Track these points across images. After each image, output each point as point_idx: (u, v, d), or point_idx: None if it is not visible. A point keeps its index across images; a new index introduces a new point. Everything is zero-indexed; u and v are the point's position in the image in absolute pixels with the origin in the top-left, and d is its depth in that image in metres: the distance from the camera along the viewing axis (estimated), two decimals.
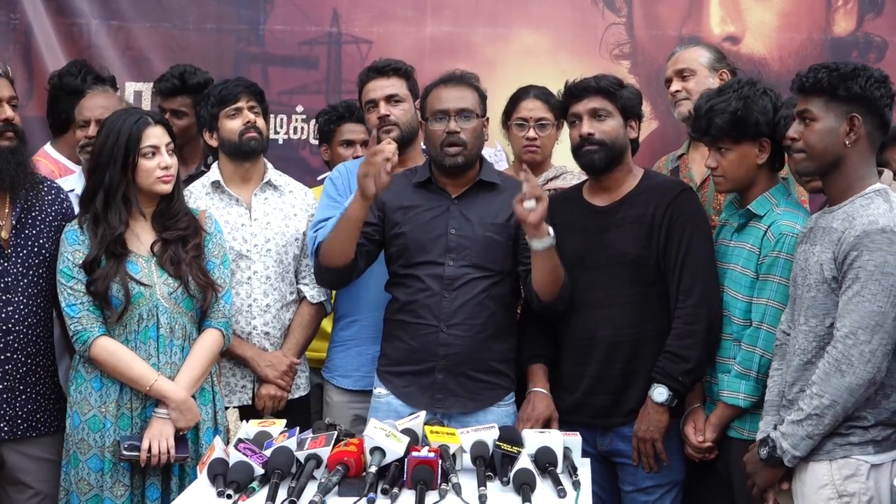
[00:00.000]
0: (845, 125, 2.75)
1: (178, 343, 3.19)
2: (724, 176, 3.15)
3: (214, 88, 3.67)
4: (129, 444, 3.09)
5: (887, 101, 2.77)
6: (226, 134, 3.57)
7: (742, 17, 4.77)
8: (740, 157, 3.11)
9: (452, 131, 3.23)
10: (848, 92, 2.74)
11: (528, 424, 3.17)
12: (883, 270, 2.64)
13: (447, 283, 3.22)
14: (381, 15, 4.87)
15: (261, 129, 3.59)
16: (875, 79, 2.75)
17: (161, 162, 3.15)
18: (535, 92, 3.79)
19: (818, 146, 2.79)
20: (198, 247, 3.23)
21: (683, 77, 3.82)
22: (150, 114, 3.26)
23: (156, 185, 3.16)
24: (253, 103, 3.60)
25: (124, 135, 3.13)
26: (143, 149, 3.14)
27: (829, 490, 2.71)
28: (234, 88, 3.59)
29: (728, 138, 3.10)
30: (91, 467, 3.13)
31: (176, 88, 4.23)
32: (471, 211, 3.27)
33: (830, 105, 2.77)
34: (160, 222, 3.21)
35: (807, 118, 2.80)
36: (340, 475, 2.56)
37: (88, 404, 3.15)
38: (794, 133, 2.84)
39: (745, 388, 3.06)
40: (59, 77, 4.14)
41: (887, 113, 2.79)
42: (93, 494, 3.13)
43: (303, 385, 3.73)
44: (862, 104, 2.75)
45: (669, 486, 3.24)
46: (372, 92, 3.63)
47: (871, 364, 2.64)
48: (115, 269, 3.11)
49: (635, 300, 3.21)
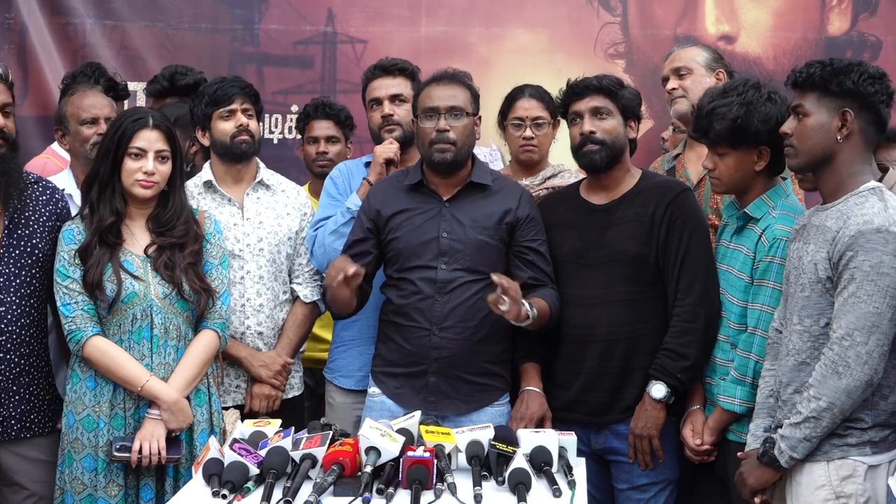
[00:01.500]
0: (837, 120, 2.74)
1: (172, 343, 3.18)
2: (720, 178, 3.15)
3: (209, 87, 3.64)
4: (121, 444, 3.09)
5: (882, 97, 2.75)
6: (218, 135, 3.56)
7: (737, 16, 4.78)
8: (737, 163, 3.09)
9: (442, 129, 3.22)
10: (840, 87, 2.73)
11: (522, 423, 3.17)
12: (879, 271, 2.62)
13: (439, 286, 3.22)
14: (376, 14, 4.87)
15: (253, 133, 3.57)
16: (869, 74, 2.74)
17: (144, 166, 3.13)
18: (530, 91, 3.79)
19: (809, 141, 2.78)
20: (195, 253, 3.21)
21: (680, 75, 3.82)
22: (154, 117, 3.21)
23: (134, 188, 3.15)
24: (247, 105, 3.58)
25: (119, 131, 3.14)
26: (130, 148, 3.13)
27: (826, 491, 2.70)
28: (228, 89, 3.57)
29: (726, 143, 3.08)
30: (85, 467, 3.13)
31: (164, 90, 4.23)
32: (462, 214, 3.27)
33: (823, 100, 2.76)
34: (154, 226, 3.21)
35: (800, 113, 2.80)
36: (336, 475, 2.56)
37: (83, 404, 3.14)
38: (787, 128, 2.84)
39: (741, 393, 3.05)
40: (72, 77, 4.12)
41: (882, 110, 2.76)
42: (87, 494, 3.13)
43: (297, 385, 3.73)
44: (855, 99, 2.73)
45: (664, 483, 3.24)
46: (377, 90, 3.64)
47: (868, 366, 2.63)
48: (108, 257, 3.12)
49: (633, 298, 3.22)
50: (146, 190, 3.15)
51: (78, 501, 3.13)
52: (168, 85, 4.21)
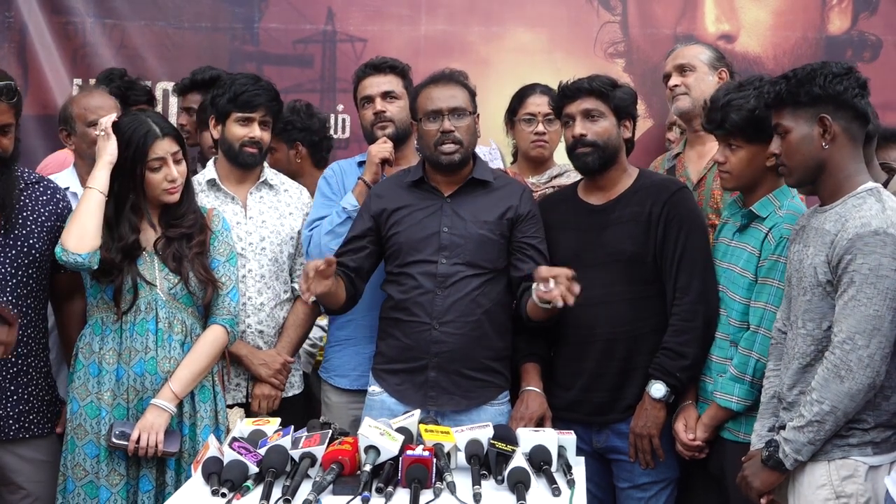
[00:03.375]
0: (817, 128, 2.73)
1: (177, 338, 3.18)
2: (730, 173, 3.12)
3: (237, 83, 3.55)
4: (121, 431, 3.09)
5: (854, 91, 2.72)
6: (229, 136, 3.55)
7: (737, 15, 4.77)
8: (750, 157, 3.08)
9: (447, 130, 3.23)
10: (809, 95, 2.71)
11: (522, 423, 3.17)
12: (878, 273, 2.61)
13: (440, 280, 3.23)
14: (375, 13, 4.86)
15: (262, 145, 3.57)
16: (834, 74, 2.71)
17: (168, 175, 3.16)
18: (541, 88, 3.84)
19: (797, 156, 2.76)
20: (202, 244, 3.23)
21: (683, 72, 3.82)
22: (158, 123, 3.21)
23: (163, 196, 3.19)
24: (267, 118, 3.56)
25: (132, 147, 3.15)
26: (150, 162, 3.15)
27: (827, 491, 2.69)
28: (255, 96, 3.52)
29: (741, 136, 3.06)
30: (87, 453, 3.13)
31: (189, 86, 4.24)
32: (463, 209, 3.28)
33: (798, 113, 2.74)
34: (165, 221, 3.23)
35: (782, 132, 2.78)
36: (335, 474, 2.56)
37: (86, 390, 3.15)
38: (774, 149, 2.82)
39: (739, 391, 3.05)
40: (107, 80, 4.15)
41: (859, 103, 2.73)
42: (88, 480, 3.13)
43: (296, 383, 3.73)
44: (828, 102, 2.71)
45: (665, 482, 3.25)
46: (368, 88, 3.64)
47: (871, 368, 2.62)
48: (129, 270, 3.15)
49: (632, 297, 3.22)
50: (174, 195, 3.20)
51: (80, 487, 3.14)
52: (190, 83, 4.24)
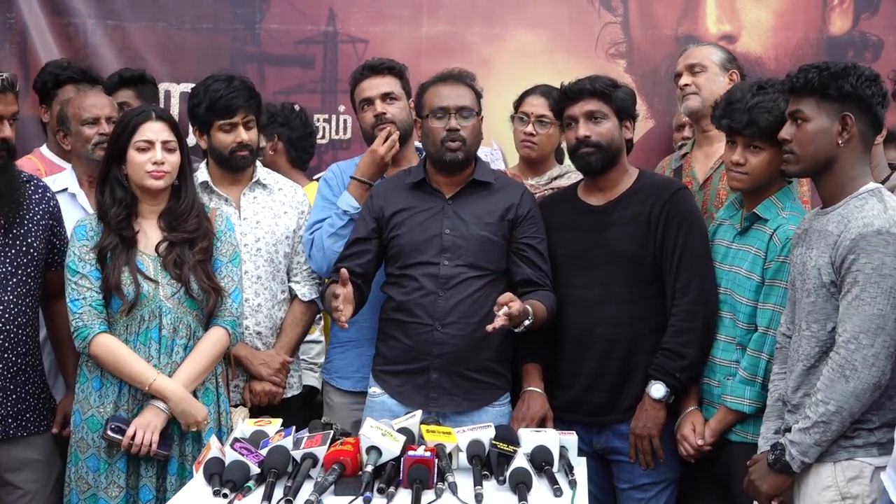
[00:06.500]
0: (838, 124, 2.72)
1: (181, 343, 3.16)
2: (748, 174, 3.09)
3: (213, 90, 3.51)
4: (116, 425, 3.08)
5: (879, 99, 2.74)
6: (217, 145, 3.53)
7: (738, 16, 4.77)
8: (770, 159, 3.05)
9: (453, 128, 3.24)
10: (839, 91, 2.71)
11: (523, 424, 3.17)
12: (881, 273, 2.61)
13: (442, 282, 3.23)
14: (377, 14, 4.87)
15: (252, 147, 3.55)
16: (866, 77, 2.72)
17: (153, 157, 3.11)
18: (541, 90, 3.82)
19: (810, 147, 2.75)
20: (205, 250, 3.19)
21: (694, 72, 3.81)
22: (157, 110, 3.20)
23: (145, 180, 3.13)
24: (249, 117, 3.54)
25: (121, 127, 3.14)
26: (136, 142, 3.12)
27: (833, 492, 2.69)
28: (232, 101, 3.49)
29: (767, 138, 3.02)
30: (89, 466, 3.13)
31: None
32: (465, 210, 3.28)
33: (822, 105, 2.73)
34: (167, 222, 3.19)
35: (799, 119, 2.77)
36: (337, 474, 2.56)
37: (89, 404, 3.14)
38: (786, 134, 2.81)
39: (751, 393, 3.05)
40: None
41: (880, 111, 2.75)
42: (90, 493, 3.12)
43: (295, 384, 3.73)
44: (854, 103, 2.72)
45: (665, 483, 3.25)
46: (367, 90, 3.63)
47: (875, 368, 2.61)
48: (126, 259, 3.11)
49: (632, 297, 3.22)
50: (158, 181, 3.14)
51: (82, 500, 3.13)
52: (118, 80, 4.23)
